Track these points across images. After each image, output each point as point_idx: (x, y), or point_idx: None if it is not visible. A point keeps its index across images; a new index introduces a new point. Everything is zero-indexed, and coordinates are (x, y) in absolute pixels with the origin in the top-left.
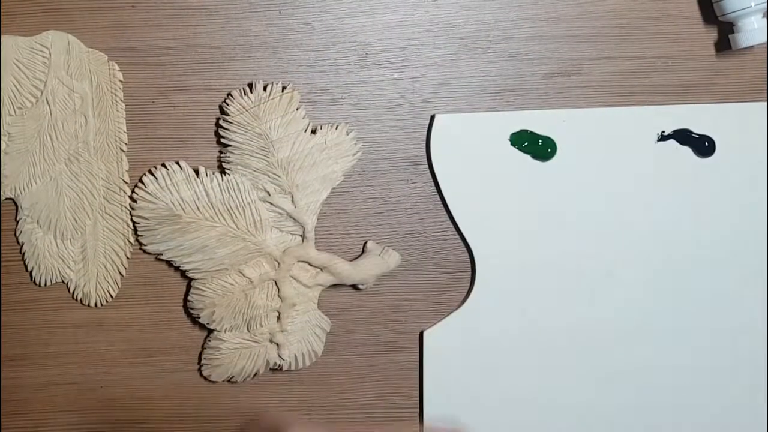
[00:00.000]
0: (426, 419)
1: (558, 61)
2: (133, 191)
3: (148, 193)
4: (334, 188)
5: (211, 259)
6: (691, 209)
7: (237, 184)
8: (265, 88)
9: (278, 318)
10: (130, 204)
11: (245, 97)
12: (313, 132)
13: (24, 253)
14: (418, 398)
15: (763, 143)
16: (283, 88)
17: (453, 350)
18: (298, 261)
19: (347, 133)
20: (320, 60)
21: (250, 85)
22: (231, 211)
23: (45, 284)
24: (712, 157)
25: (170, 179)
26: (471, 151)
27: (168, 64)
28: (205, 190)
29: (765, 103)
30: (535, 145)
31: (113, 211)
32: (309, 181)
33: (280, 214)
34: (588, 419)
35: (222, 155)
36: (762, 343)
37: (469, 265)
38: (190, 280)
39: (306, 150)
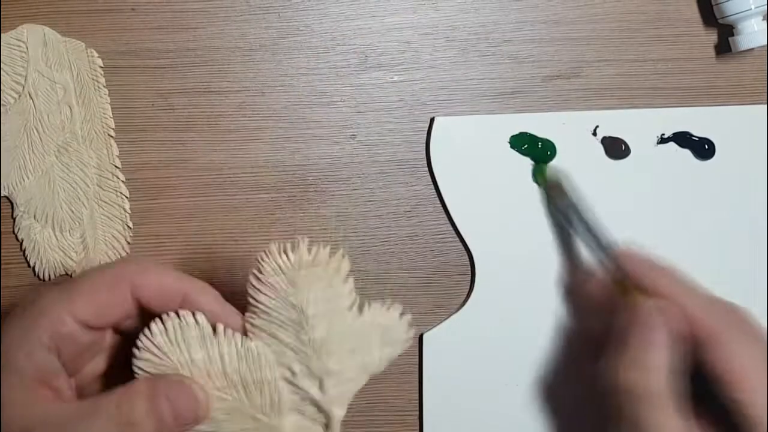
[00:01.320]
0: None
1: (557, 64)
2: (138, 339)
3: (155, 345)
4: (333, 192)
5: None
6: (690, 211)
7: (259, 355)
8: (309, 251)
9: None
10: (133, 352)
11: (284, 257)
12: (360, 310)
13: (24, 250)
14: (417, 401)
15: (763, 146)
16: (332, 253)
17: (452, 353)
18: None
19: (400, 317)
20: (320, 62)
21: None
22: (246, 386)
23: (49, 278)
24: (711, 159)
25: (182, 334)
26: (470, 154)
27: (167, 66)
28: (220, 354)
29: (765, 105)
30: (535, 148)
31: (109, 198)
32: (344, 368)
33: (303, 399)
34: (589, 420)
35: (247, 315)
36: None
37: (469, 268)
38: None
39: (346, 332)
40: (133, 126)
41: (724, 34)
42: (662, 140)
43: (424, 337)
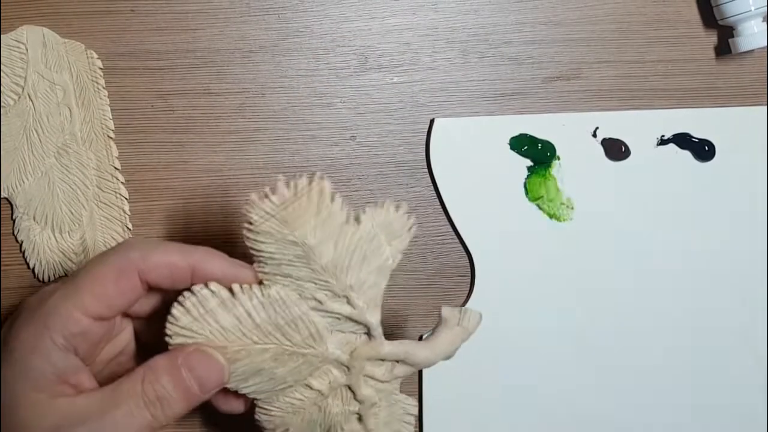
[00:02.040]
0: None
1: (558, 65)
2: (165, 326)
3: (182, 328)
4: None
5: (271, 380)
6: (690, 213)
7: (281, 298)
8: (288, 187)
9: (359, 419)
10: (165, 341)
11: (267, 202)
12: (357, 219)
13: (24, 251)
14: (417, 402)
15: (763, 147)
16: (309, 182)
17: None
18: (369, 362)
19: (396, 210)
20: (320, 64)
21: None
22: (281, 329)
23: (48, 279)
24: (711, 161)
25: (203, 308)
26: (470, 156)
27: (167, 68)
28: (246, 311)
29: (765, 107)
30: (535, 149)
31: (108, 200)
32: (363, 277)
33: (338, 318)
34: (590, 423)
35: (255, 266)
36: (762, 346)
37: (469, 270)
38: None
39: (353, 245)
40: (132, 127)
41: (724, 35)
42: (662, 142)
43: (424, 338)
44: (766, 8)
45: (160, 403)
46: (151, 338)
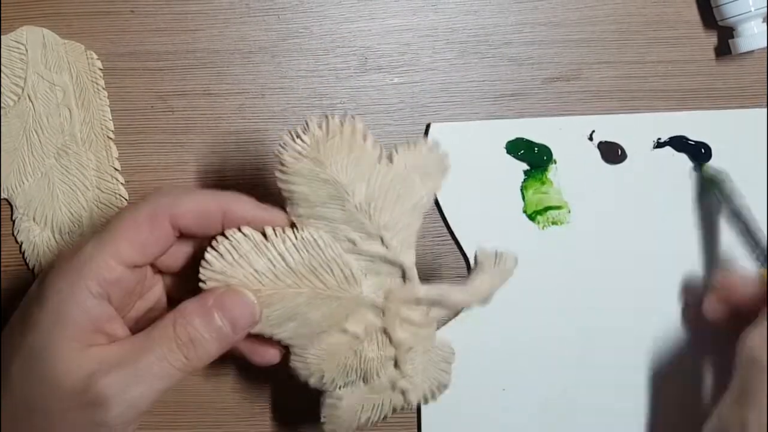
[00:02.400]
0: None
1: (558, 66)
2: (197, 277)
3: (216, 272)
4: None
5: (306, 325)
6: (687, 216)
7: (315, 240)
8: (320, 126)
9: (396, 364)
10: (199, 286)
11: (299, 141)
12: (389, 159)
13: (24, 252)
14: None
15: (760, 149)
16: (341, 121)
17: None
18: (404, 305)
19: (430, 149)
20: (319, 65)
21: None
22: (315, 271)
23: None
24: (708, 164)
25: (237, 252)
26: (467, 160)
27: (167, 68)
28: (279, 254)
29: (763, 109)
30: (531, 153)
31: (108, 201)
32: (397, 217)
33: (372, 260)
34: (589, 424)
35: (288, 208)
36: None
37: (466, 272)
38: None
39: (386, 184)
40: (132, 128)
41: (724, 36)
42: (658, 145)
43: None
44: (766, 9)
45: (193, 345)
46: (182, 294)
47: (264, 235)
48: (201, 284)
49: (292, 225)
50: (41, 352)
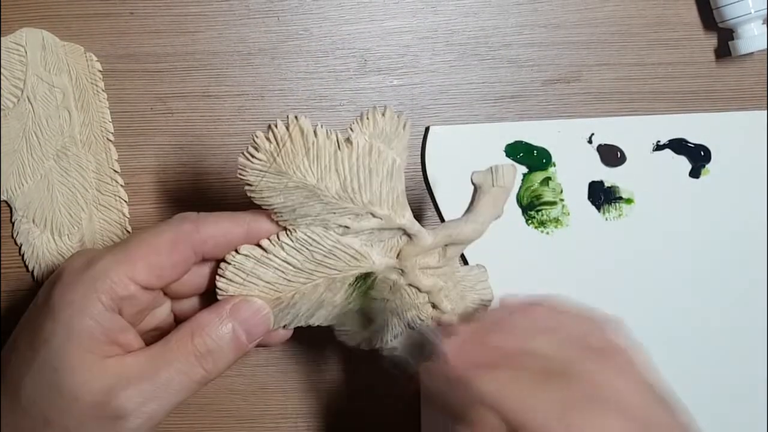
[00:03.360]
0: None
1: (558, 68)
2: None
3: (230, 296)
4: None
5: (335, 306)
6: (687, 218)
7: (309, 237)
8: (268, 139)
9: (434, 306)
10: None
11: (255, 160)
12: (348, 141)
13: (23, 254)
14: (417, 406)
15: (760, 152)
16: (286, 125)
17: None
18: (418, 256)
19: (382, 114)
20: (319, 66)
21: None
22: (322, 262)
23: None
24: (707, 166)
25: (243, 272)
26: (466, 163)
27: (166, 70)
28: (283, 260)
29: (762, 111)
30: (530, 156)
31: (107, 202)
32: (376, 189)
33: (371, 232)
34: None
35: (274, 217)
36: (763, 353)
37: None
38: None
39: (354, 166)
40: (131, 130)
41: (724, 38)
42: (658, 147)
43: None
44: (766, 11)
45: (211, 356)
46: (189, 315)
47: (262, 248)
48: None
49: (285, 229)
50: (57, 366)
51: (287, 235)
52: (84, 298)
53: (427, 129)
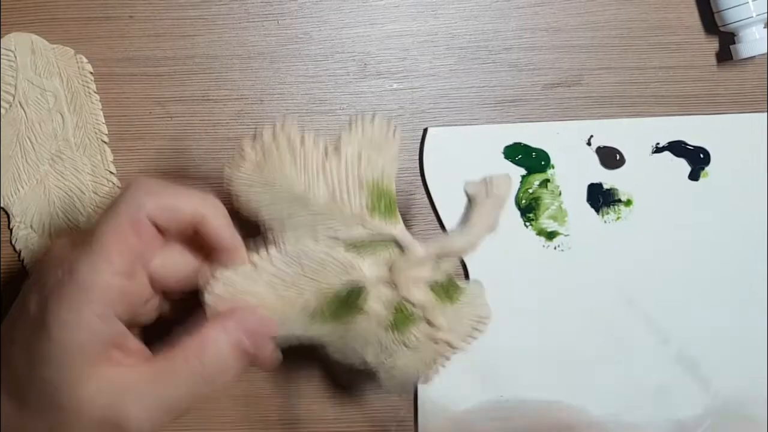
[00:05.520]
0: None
1: (558, 72)
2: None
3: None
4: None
5: (325, 322)
6: (686, 220)
7: (298, 251)
8: (254, 148)
9: (428, 322)
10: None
11: (242, 171)
12: (336, 149)
13: (23, 260)
14: (413, 407)
15: (759, 154)
16: (273, 133)
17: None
18: (411, 270)
19: (371, 122)
20: (319, 70)
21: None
22: (313, 275)
23: None
24: (707, 168)
25: (232, 287)
26: (464, 164)
27: (165, 74)
28: (273, 275)
29: (761, 114)
30: (529, 158)
31: (105, 204)
32: (366, 198)
33: (362, 243)
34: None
35: (263, 229)
36: (763, 355)
37: (463, 278)
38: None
39: (342, 173)
40: (130, 134)
41: (726, 41)
42: (657, 149)
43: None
44: (767, 15)
45: (218, 373)
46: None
47: (252, 263)
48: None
49: (274, 242)
50: (59, 384)
51: (276, 248)
52: (78, 314)
53: (425, 131)
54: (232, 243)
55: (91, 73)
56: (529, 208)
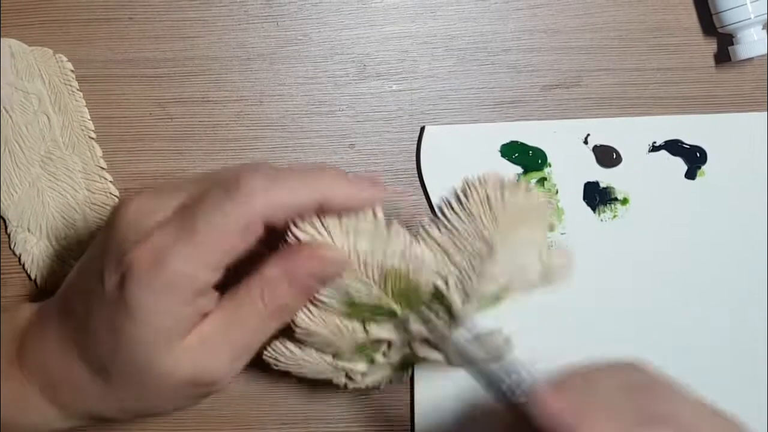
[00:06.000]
0: None
1: (557, 73)
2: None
3: (322, 225)
4: None
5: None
6: (683, 220)
7: (422, 261)
8: (527, 189)
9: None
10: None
11: (497, 191)
12: (546, 253)
13: (24, 264)
14: (409, 408)
15: (758, 153)
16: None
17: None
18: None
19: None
20: (318, 72)
21: None
22: (400, 281)
23: (54, 289)
24: (704, 167)
25: (356, 224)
26: (461, 163)
27: (165, 75)
28: (384, 251)
29: (759, 113)
30: (526, 157)
31: (99, 201)
32: (497, 287)
33: (439, 306)
34: None
35: (426, 221)
36: (763, 356)
37: None
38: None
39: (521, 267)
40: (130, 136)
41: (724, 43)
42: (654, 148)
43: None
44: (766, 16)
45: (283, 311)
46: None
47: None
48: (292, 226)
49: (414, 234)
50: (147, 361)
51: (411, 241)
52: (163, 302)
53: (422, 129)
54: (359, 206)
55: (72, 71)
56: None
